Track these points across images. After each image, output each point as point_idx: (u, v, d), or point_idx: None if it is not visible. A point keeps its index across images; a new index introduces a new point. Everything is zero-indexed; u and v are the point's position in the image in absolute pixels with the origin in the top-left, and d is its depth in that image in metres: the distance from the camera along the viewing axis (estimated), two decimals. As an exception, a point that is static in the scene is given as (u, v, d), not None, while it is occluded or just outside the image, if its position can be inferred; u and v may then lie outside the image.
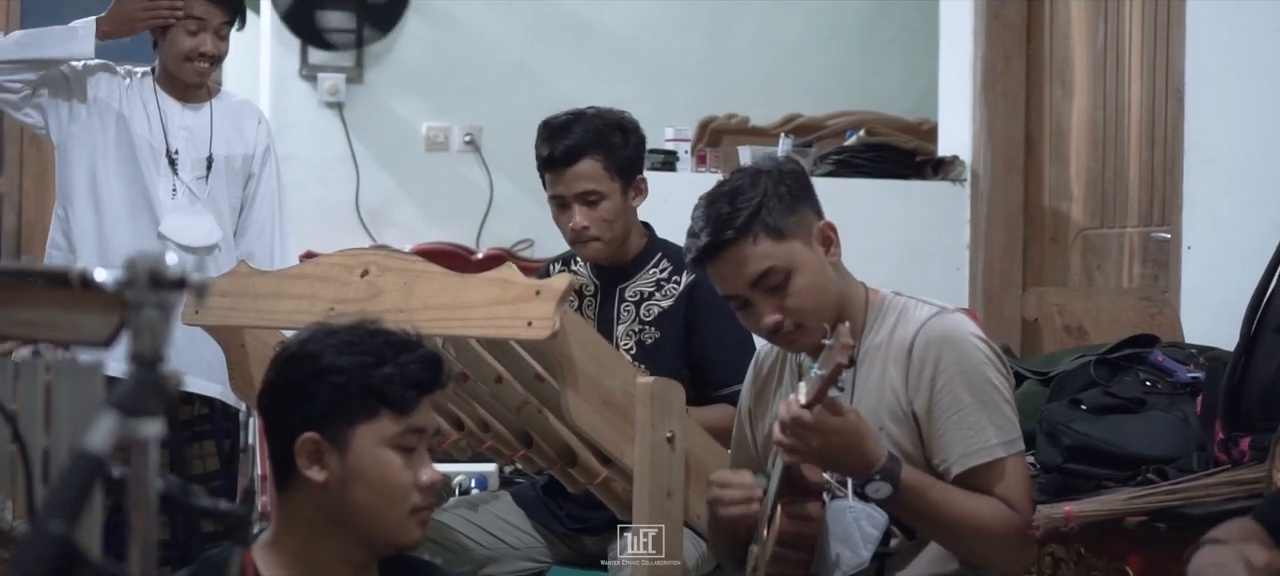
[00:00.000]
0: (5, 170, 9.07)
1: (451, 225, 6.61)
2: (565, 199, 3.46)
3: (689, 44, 6.90)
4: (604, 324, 3.52)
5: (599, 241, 3.47)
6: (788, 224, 2.60)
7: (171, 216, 4.03)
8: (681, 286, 3.47)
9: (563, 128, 3.47)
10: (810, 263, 2.61)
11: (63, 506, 1.12)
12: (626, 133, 3.51)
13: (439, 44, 6.64)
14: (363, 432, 2.18)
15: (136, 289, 1.40)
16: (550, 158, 3.46)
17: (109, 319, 1.42)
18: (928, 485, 2.52)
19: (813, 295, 2.60)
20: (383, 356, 2.19)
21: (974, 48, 4.99)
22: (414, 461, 2.20)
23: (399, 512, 2.19)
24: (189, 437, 4.01)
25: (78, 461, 1.14)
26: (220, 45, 4.05)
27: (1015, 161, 4.96)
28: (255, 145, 4.18)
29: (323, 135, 6.54)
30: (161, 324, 1.40)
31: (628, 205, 3.49)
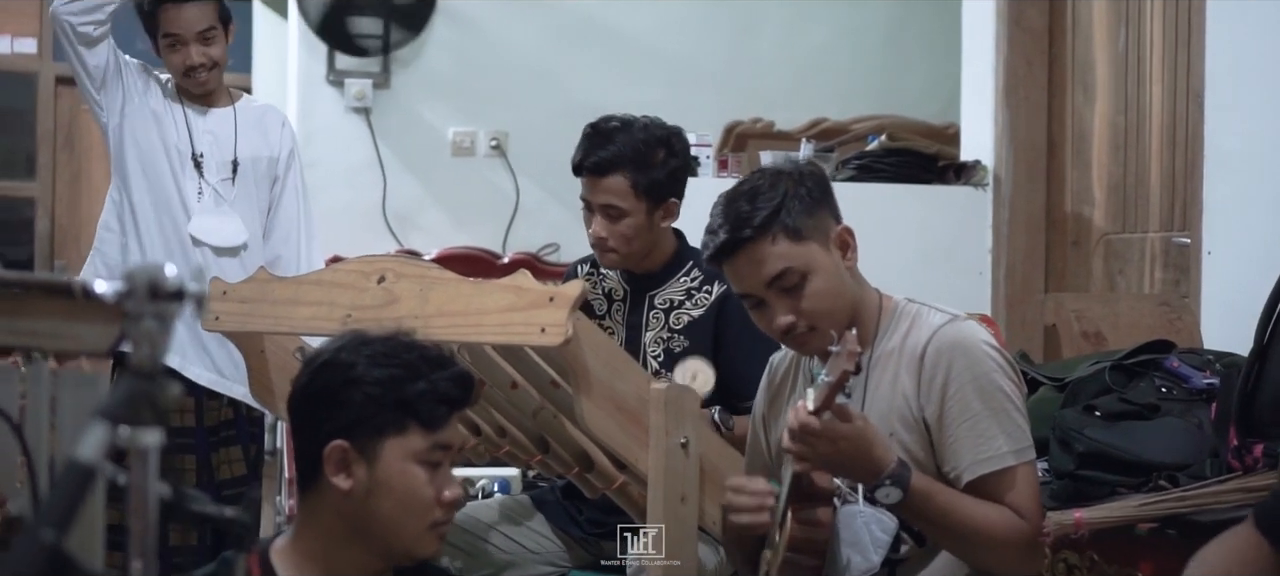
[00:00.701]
0: (39, 175, 9.15)
1: (477, 230, 6.64)
2: (591, 205, 3.48)
3: (714, 48, 6.91)
4: (633, 330, 3.52)
5: (615, 254, 3.47)
6: (806, 226, 2.60)
7: (199, 217, 4.06)
8: (712, 297, 3.46)
9: (604, 136, 3.45)
10: (826, 266, 2.62)
11: (54, 514, 1.14)
12: (671, 152, 3.47)
13: (465, 49, 6.67)
14: (392, 445, 2.19)
15: (135, 300, 1.42)
16: (581, 164, 3.47)
17: (109, 329, 1.44)
18: (937, 491, 2.52)
19: (827, 299, 2.61)
20: (416, 371, 2.20)
21: (995, 52, 4.98)
22: (438, 477, 2.22)
23: (419, 526, 2.21)
24: (215, 443, 4.04)
25: (69, 470, 1.16)
26: (209, 51, 4.04)
27: (1037, 166, 4.96)
28: (279, 148, 4.20)
29: (350, 140, 6.58)
30: (160, 334, 1.42)
31: (653, 224, 3.46)
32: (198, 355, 4.00)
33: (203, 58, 4.02)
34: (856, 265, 2.68)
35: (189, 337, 3.96)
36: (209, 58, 4.04)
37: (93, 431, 1.21)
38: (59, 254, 8.89)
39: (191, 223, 4.05)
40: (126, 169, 4.08)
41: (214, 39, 4.04)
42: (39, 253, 9.06)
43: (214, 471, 4.02)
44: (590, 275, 3.63)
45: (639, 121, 3.49)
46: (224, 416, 4.05)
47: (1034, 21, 4.94)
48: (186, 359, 3.99)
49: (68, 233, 9.06)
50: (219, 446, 4.04)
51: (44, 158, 9.16)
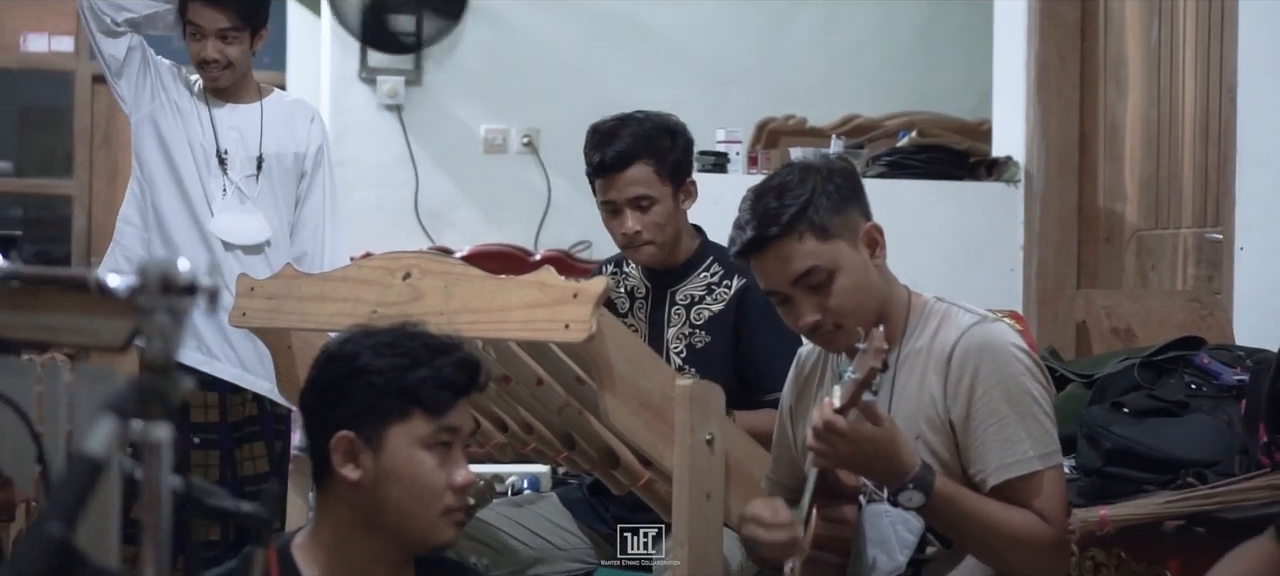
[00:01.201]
0: (75, 173, 9.20)
1: (509, 227, 6.65)
2: (617, 204, 3.47)
3: (746, 45, 6.91)
4: (655, 327, 3.53)
5: (652, 245, 3.48)
6: (834, 223, 2.59)
7: (221, 215, 4.08)
8: (732, 291, 3.47)
9: (611, 133, 3.47)
10: (854, 264, 2.60)
11: (62, 508, 1.14)
12: (675, 135, 3.51)
13: (497, 47, 6.68)
14: (396, 432, 2.20)
15: (148, 294, 1.42)
16: (601, 164, 3.47)
17: (124, 324, 1.44)
18: (960, 495, 2.51)
19: (854, 296, 2.59)
20: (418, 358, 2.21)
21: (1027, 47, 4.96)
22: (448, 462, 2.22)
23: (431, 512, 2.22)
24: (238, 439, 4.05)
25: (77, 464, 1.16)
26: (226, 50, 4.06)
27: (1069, 161, 4.93)
28: (308, 144, 4.21)
29: (382, 137, 6.60)
30: (173, 329, 1.43)
31: (678, 208, 3.49)
32: (223, 350, 4.01)
33: (217, 54, 4.04)
34: (885, 263, 2.67)
35: (215, 333, 3.98)
36: (224, 55, 4.05)
37: (101, 425, 1.21)
38: (96, 251, 8.93)
39: (213, 221, 4.07)
40: (148, 164, 4.11)
41: (233, 40, 4.06)
42: (76, 250, 9.11)
43: (237, 467, 4.04)
44: (614, 274, 3.64)
45: (636, 114, 3.52)
46: (248, 412, 4.06)
47: (1066, 16, 4.92)
48: (212, 355, 4.01)
49: (104, 230, 9.09)
50: (243, 442, 4.06)
51: (81, 156, 9.20)
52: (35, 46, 9.19)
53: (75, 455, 1.19)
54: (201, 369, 3.99)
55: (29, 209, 9.63)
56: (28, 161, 9.65)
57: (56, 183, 9.32)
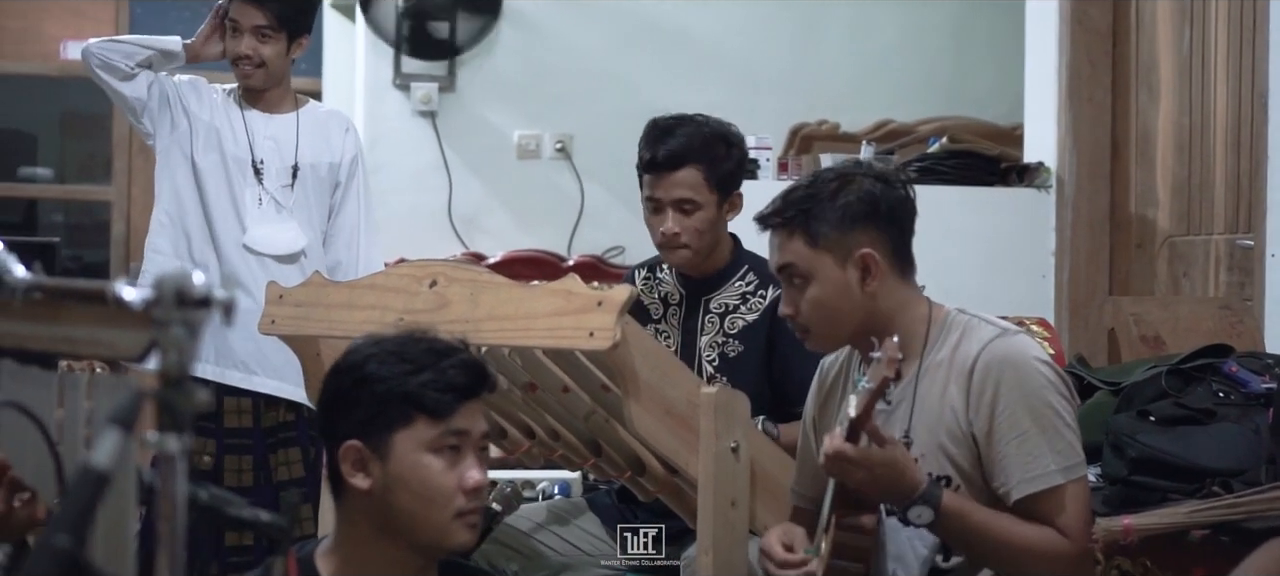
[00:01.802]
0: (114, 179, 9.26)
1: (543, 232, 6.66)
2: (661, 203, 3.47)
3: (778, 50, 6.90)
4: (688, 334, 3.53)
5: (688, 250, 3.48)
6: (828, 237, 2.63)
7: (256, 227, 4.09)
8: (767, 301, 3.46)
9: (668, 131, 3.47)
10: (831, 280, 2.64)
11: (69, 521, 1.15)
12: (731, 145, 3.50)
13: (530, 53, 6.69)
14: (401, 439, 2.22)
15: (163, 307, 1.44)
16: (652, 160, 3.47)
17: (141, 336, 1.46)
18: (970, 510, 2.52)
19: (820, 310, 2.66)
20: (421, 363, 2.23)
21: (1059, 53, 4.94)
22: (458, 465, 2.23)
23: (442, 516, 2.23)
24: (274, 444, 4.07)
25: (83, 477, 1.18)
26: (260, 48, 4.07)
27: (1101, 167, 4.91)
28: (342, 154, 4.22)
29: (416, 143, 6.62)
30: (188, 342, 1.44)
31: (721, 218, 3.48)
32: (259, 363, 4.02)
33: (251, 50, 4.05)
34: (884, 287, 2.66)
35: (249, 348, 3.99)
36: (257, 53, 4.07)
37: (107, 437, 1.22)
38: (134, 256, 8.99)
39: (247, 233, 4.08)
40: (178, 186, 4.12)
41: (268, 39, 4.07)
42: (114, 256, 9.17)
43: (272, 472, 4.06)
44: (647, 279, 3.65)
45: (697, 117, 3.52)
46: (283, 419, 4.08)
47: (1097, 21, 4.90)
48: (249, 370, 4.03)
49: (142, 236, 9.14)
50: (277, 447, 4.07)
51: (119, 162, 9.26)
52: (75, 54, 9.25)
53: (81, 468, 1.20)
54: (241, 386, 4.01)
55: (70, 215, 9.71)
56: (69, 168, 9.73)
57: (96, 189, 9.39)
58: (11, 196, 9.19)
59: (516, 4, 6.67)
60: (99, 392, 1.63)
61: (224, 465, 4.02)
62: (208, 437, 4.01)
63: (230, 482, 3.99)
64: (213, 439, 4.03)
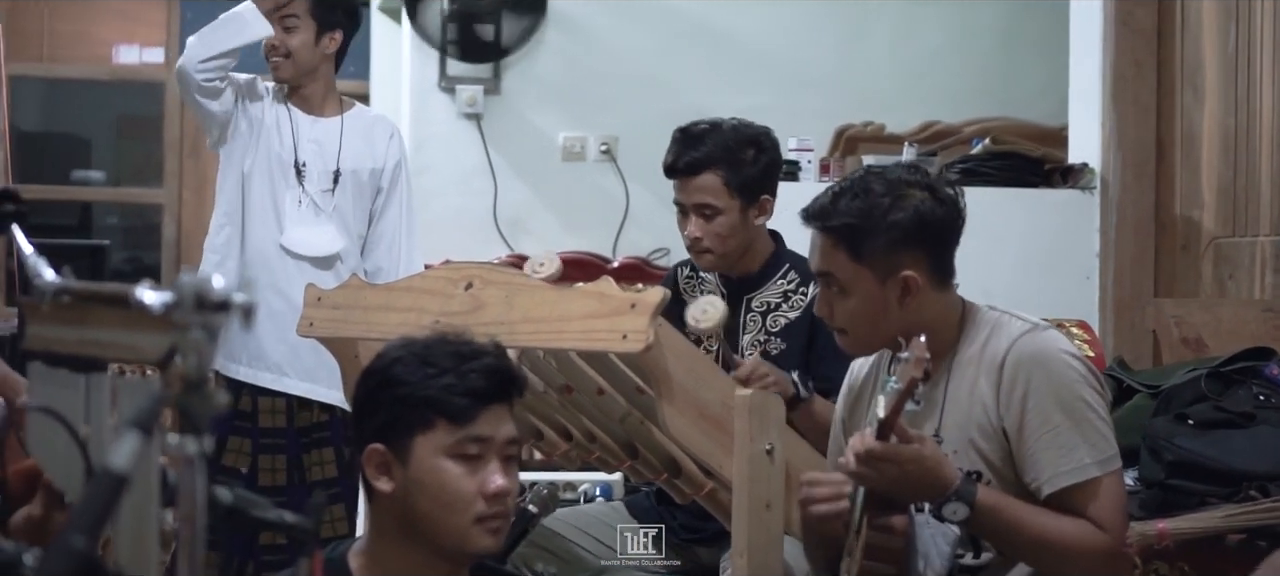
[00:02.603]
0: (165, 182, 9.34)
1: (588, 234, 6.66)
2: (685, 207, 3.50)
3: (823, 51, 6.88)
4: (730, 333, 3.54)
5: (711, 254, 3.50)
6: (872, 253, 2.62)
7: (294, 228, 4.10)
8: (808, 298, 3.47)
9: (695, 138, 3.50)
10: (869, 295, 2.64)
11: (85, 522, 1.17)
12: (760, 149, 3.51)
13: (575, 55, 6.70)
14: (421, 442, 2.22)
15: (183, 311, 1.45)
16: (671, 167, 3.52)
17: (163, 339, 1.47)
18: (1005, 505, 2.51)
19: (854, 320, 2.67)
20: (443, 367, 2.22)
21: (1103, 53, 4.91)
22: (479, 470, 2.23)
23: (462, 521, 2.22)
24: (307, 444, 4.09)
25: (101, 479, 1.19)
26: (287, 39, 4.07)
27: (1145, 168, 4.87)
28: (386, 160, 4.22)
29: (461, 146, 6.63)
30: (207, 345, 1.46)
31: (747, 222, 3.49)
32: (292, 364, 4.04)
33: (278, 40, 4.06)
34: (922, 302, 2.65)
35: (283, 350, 4.01)
36: (284, 43, 4.07)
37: (125, 440, 1.24)
38: (186, 259, 9.06)
39: (285, 234, 4.09)
40: (231, 187, 4.13)
41: (294, 28, 4.06)
42: (165, 258, 9.25)
43: (305, 472, 4.08)
44: (690, 277, 3.66)
45: (728, 122, 3.53)
46: (317, 419, 4.10)
47: (1142, 22, 4.86)
48: (282, 372, 4.05)
49: (194, 239, 9.23)
50: (311, 447, 4.09)
51: (171, 165, 9.34)
52: (127, 58, 9.35)
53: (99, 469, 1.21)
54: (272, 387, 4.03)
55: (124, 217, 9.80)
56: (123, 171, 9.82)
57: (149, 192, 9.47)
58: (66, 200, 9.28)
59: (561, 6, 6.68)
60: (125, 395, 1.64)
61: (258, 464, 4.04)
62: (244, 437, 4.04)
63: (264, 482, 4.01)
64: (249, 438, 4.05)
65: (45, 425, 1.70)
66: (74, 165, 9.49)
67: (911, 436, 2.46)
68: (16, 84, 8.07)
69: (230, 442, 4.03)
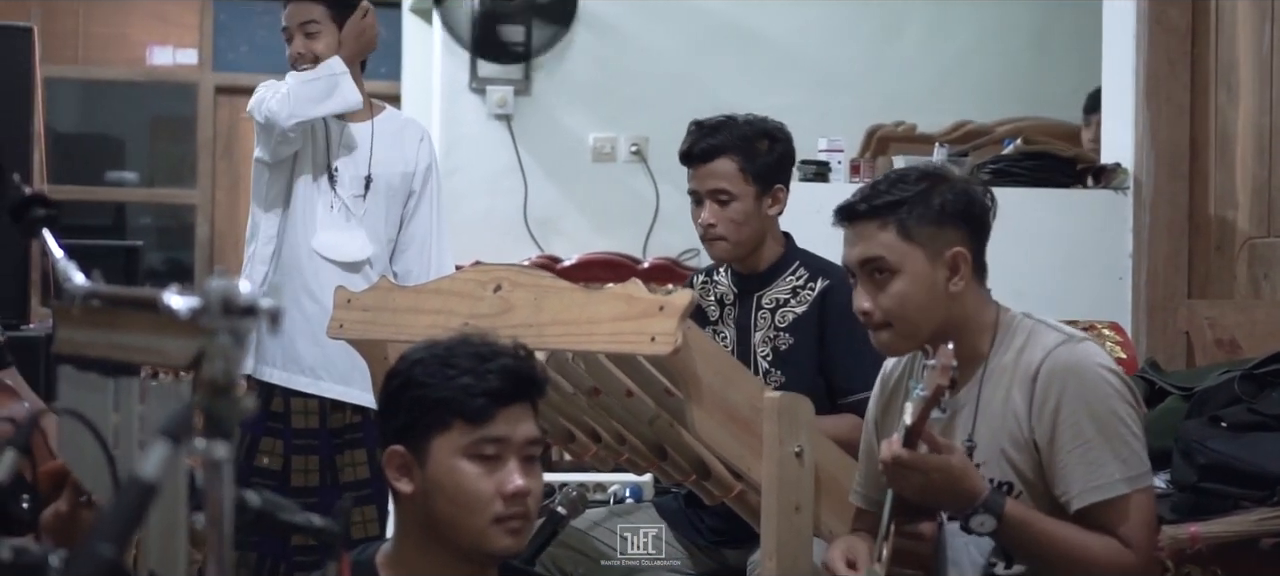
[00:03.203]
0: (198, 182, 9.39)
1: (618, 235, 6.67)
2: (700, 195, 3.54)
3: (855, 51, 6.88)
4: (742, 332, 3.56)
5: (725, 241, 3.53)
6: (921, 232, 2.61)
7: (324, 232, 4.10)
8: (816, 292, 3.49)
9: (710, 127, 3.54)
10: (921, 275, 2.62)
11: (112, 530, 1.17)
12: (773, 141, 3.55)
13: (605, 55, 6.71)
14: (439, 443, 2.23)
15: (210, 316, 1.46)
16: (688, 153, 3.55)
17: (191, 343, 1.48)
18: (1033, 519, 2.50)
19: (908, 305, 2.62)
20: (461, 368, 2.22)
21: (1136, 53, 4.87)
22: (497, 470, 2.22)
23: (479, 521, 2.22)
24: (340, 446, 4.10)
25: (129, 488, 1.19)
26: (311, 45, 4.05)
27: (1179, 168, 4.83)
28: (417, 164, 4.21)
29: (491, 147, 6.64)
30: (234, 350, 1.46)
31: (761, 211, 3.52)
32: (325, 367, 4.05)
33: (303, 48, 4.06)
34: (972, 289, 2.65)
35: (315, 353, 4.02)
36: (310, 50, 4.05)
37: (154, 449, 1.24)
38: (218, 259, 9.10)
39: (316, 238, 4.10)
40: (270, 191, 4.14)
41: (316, 34, 4.05)
42: (199, 258, 9.30)
43: (338, 473, 4.08)
44: (705, 283, 3.68)
45: (742, 116, 3.57)
46: (350, 420, 4.10)
47: (1176, 21, 4.82)
48: (317, 376, 4.05)
49: (227, 239, 9.28)
50: (344, 448, 4.09)
51: (204, 165, 9.39)
52: (160, 59, 9.40)
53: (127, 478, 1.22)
54: (307, 390, 4.04)
55: (157, 218, 9.86)
56: (158, 171, 9.87)
57: (182, 192, 9.52)
58: (100, 201, 9.34)
59: (592, 7, 6.68)
60: (153, 399, 1.65)
61: (291, 465, 4.05)
62: (276, 438, 4.05)
63: (297, 482, 4.02)
64: (281, 439, 4.06)
65: (74, 427, 1.71)
66: (108, 166, 9.55)
67: (942, 444, 2.46)
68: (51, 86, 8.11)
69: (263, 443, 4.04)
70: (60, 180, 7.29)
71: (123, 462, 1.65)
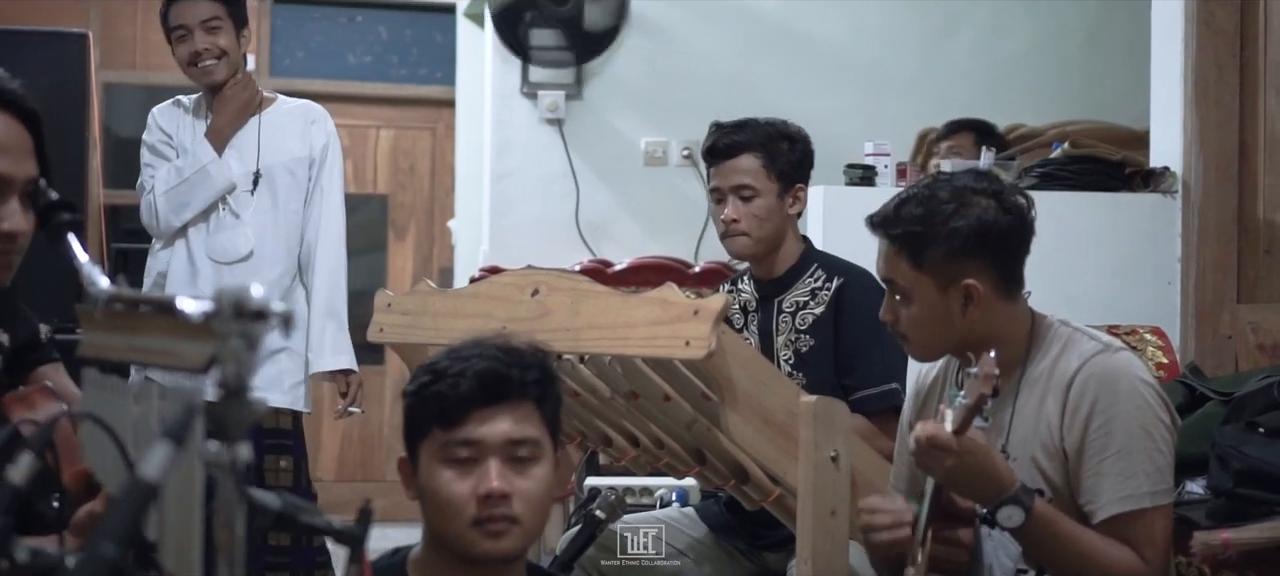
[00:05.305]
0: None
1: (670, 239, 6.67)
2: (722, 191, 3.59)
3: (907, 55, 6.86)
4: (765, 336, 3.60)
5: (747, 237, 3.57)
6: (934, 262, 2.61)
7: (215, 235, 4.19)
8: (832, 290, 3.52)
9: (733, 126, 3.62)
10: (930, 303, 2.63)
11: (115, 530, 1.19)
12: (794, 142, 3.61)
13: (656, 60, 6.71)
14: (423, 449, 2.25)
15: (222, 320, 1.48)
16: (712, 149, 3.62)
17: (205, 347, 1.50)
18: (1058, 520, 2.49)
19: (917, 329, 2.67)
20: (441, 373, 2.24)
21: (1185, 55, 4.83)
22: (473, 474, 2.21)
23: (458, 525, 2.22)
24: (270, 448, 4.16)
25: (131, 488, 1.22)
26: (213, 39, 4.12)
27: (1228, 172, 4.79)
28: (310, 147, 4.27)
29: (543, 151, 6.67)
30: (246, 353, 1.48)
31: (782, 209, 3.57)
32: None
33: (207, 43, 4.11)
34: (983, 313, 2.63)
35: None
36: (215, 45, 4.12)
37: (156, 450, 1.26)
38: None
39: (207, 242, 4.18)
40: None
41: (219, 29, 4.12)
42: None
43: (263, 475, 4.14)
44: (731, 291, 3.70)
45: (762, 118, 3.64)
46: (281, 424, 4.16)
47: (1224, 23, 4.77)
48: None
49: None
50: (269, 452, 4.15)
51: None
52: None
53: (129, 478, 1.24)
54: None
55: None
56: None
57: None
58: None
59: (643, 11, 6.69)
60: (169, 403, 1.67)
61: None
62: None
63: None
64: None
65: (96, 431, 1.74)
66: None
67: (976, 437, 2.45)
68: (111, 91, 8.21)
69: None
70: (118, 184, 7.35)
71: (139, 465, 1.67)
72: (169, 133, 4.25)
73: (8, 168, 2.11)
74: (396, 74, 8.66)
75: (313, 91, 6.53)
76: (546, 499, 2.29)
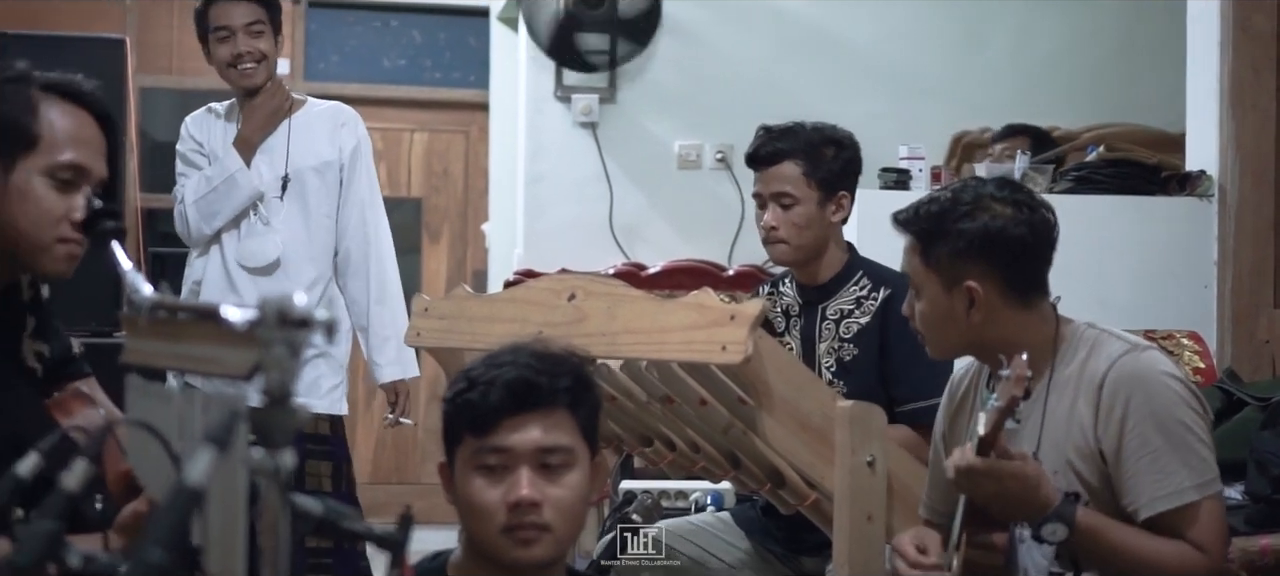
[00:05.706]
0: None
1: (704, 242, 6.67)
2: (763, 198, 3.58)
3: (940, 57, 6.84)
4: (807, 343, 3.59)
5: (785, 244, 3.55)
6: (940, 261, 2.65)
7: (245, 242, 4.21)
8: (878, 302, 3.51)
9: (778, 132, 3.59)
10: (936, 300, 2.68)
11: (162, 535, 1.20)
12: (840, 148, 3.59)
13: (690, 63, 6.71)
14: (458, 456, 2.26)
15: (266, 327, 1.49)
16: (754, 156, 3.61)
17: (249, 355, 1.51)
18: (1105, 526, 2.48)
19: (927, 325, 2.71)
20: (475, 381, 2.24)
21: (1221, 59, 4.81)
22: (506, 482, 2.21)
23: (490, 532, 2.22)
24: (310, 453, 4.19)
25: (177, 494, 1.23)
26: (255, 43, 4.15)
27: (1265, 176, 4.77)
28: (339, 149, 4.28)
29: (577, 155, 6.67)
30: (289, 361, 1.49)
31: (824, 217, 3.55)
32: None
33: (249, 47, 4.14)
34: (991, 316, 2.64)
35: None
36: (256, 48, 4.15)
37: (201, 455, 1.27)
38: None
39: (238, 248, 4.20)
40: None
41: (262, 33, 4.16)
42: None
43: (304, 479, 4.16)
44: (771, 294, 3.70)
45: (810, 123, 3.61)
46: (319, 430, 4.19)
47: (1261, 26, 4.76)
48: None
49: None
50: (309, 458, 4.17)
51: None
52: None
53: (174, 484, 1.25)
54: None
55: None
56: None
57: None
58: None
59: (676, 15, 6.70)
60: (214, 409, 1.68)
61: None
62: None
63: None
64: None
65: (141, 437, 1.75)
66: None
67: (1013, 454, 2.45)
68: (147, 95, 8.25)
69: None
70: (155, 188, 7.40)
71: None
72: (200, 141, 4.28)
73: (88, 160, 2.15)
74: (430, 77, 8.68)
75: (347, 95, 6.55)
76: (580, 505, 2.28)
